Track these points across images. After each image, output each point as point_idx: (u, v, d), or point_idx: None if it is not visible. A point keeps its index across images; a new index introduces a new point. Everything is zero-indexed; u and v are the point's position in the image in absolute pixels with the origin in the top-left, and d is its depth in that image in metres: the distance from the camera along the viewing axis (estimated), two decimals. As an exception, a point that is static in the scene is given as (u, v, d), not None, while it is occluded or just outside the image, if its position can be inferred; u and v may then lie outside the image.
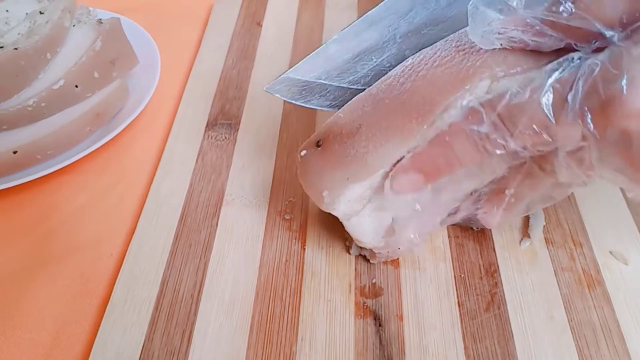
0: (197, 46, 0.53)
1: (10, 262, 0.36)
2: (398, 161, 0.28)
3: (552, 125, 0.23)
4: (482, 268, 0.34)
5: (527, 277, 0.34)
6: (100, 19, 0.44)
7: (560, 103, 0.23)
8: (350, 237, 0.32)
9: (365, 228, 0.31)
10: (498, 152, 0.25)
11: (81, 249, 0.37)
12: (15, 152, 0.39)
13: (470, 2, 0.25)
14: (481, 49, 0.26)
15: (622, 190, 0.38)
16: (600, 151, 0.23)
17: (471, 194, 0.30)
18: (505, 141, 0.25)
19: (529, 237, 0.36)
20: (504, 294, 0.33)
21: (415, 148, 0.27)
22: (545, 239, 0.36)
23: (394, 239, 0.31)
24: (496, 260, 0.34)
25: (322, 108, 0.34)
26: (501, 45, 0.25)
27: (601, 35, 0.22)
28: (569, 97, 0.22)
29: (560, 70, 0.23)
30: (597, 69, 0.22)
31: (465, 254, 0.35)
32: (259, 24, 0.55)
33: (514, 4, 0.24)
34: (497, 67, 0.25)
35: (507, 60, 0.25)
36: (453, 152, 0.26)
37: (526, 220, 0.37)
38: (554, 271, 0.34)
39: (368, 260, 0.34)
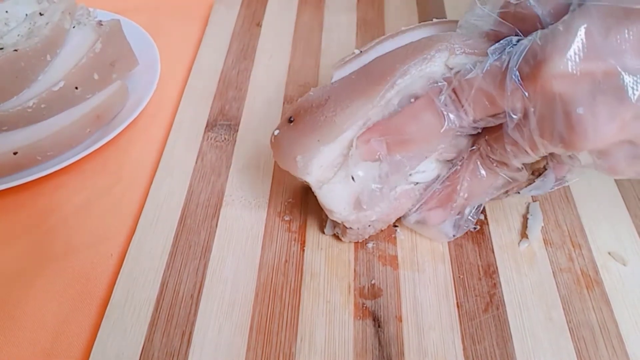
0: (197, 47, 0.53)
1: (10, 262, 0.36)
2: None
3: (496, 96, 0.27)
4: (480, 269, 0.34)
5: (526, 278, 0.34)
6: (101, 21, 0.44)
7: (499, 76, 0.26)
8: (326, 216, 0.33)
9: (336, 196, 0.31)
10: (454, 122, 0.29)
11: (81, 249, 0.37)
12: (15, 153, 0.39)
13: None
14: (444, 34, 0.30)
15: (620, 190, 0.38)
16: (536, 118, 0.26)
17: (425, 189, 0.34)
18: (458, 113, 0.28)
19: (527, 238, 0.36)
20: (502, 295, 0.33)
21: (380, 111, 0.30)
22: (543, 239, 0.36)
23: (364, 213, 0.32)
24: (495, 261, 0.35)
25: None
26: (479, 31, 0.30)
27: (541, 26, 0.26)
28: (508, 70, 0.26)
29: (501, 49, 0.27)
30: (530, 44, 0.25)
31: (464, 255, 0.35)
32: (259, 25, 0.55)
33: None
34: (456, 44, 0.29)
35: (467, 43, 0.29)
36: (417, 120, 0.29)
37: (525, 222, 0.37)
38: (553, 272, 0.34)
39: (346, 245, 0.35)
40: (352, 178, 0.31)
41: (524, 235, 0.36)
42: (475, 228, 0.36)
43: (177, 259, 0.35)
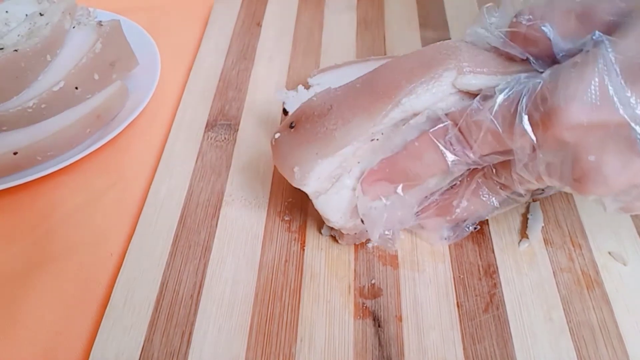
0: (197, 47, 0.53)
1: (10, 261, 0.36)
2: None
3: (505, 138, 0.26)
4: (481, 269, 0.34)
5: (526, 278, 0.34)
6: (101, 21, 0.44)
7: (509, 118, 0.25)
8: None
9: (333, 206, 0.31)
10: (459, 160, 0.28)
11: (81, 249, 0.37)
12: (15, 154, 0.39)
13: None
14: (453, 48, 0.29)
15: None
16: (545, 161, 0.25)
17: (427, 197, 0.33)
18: (464, 151, 0.27)
19: (527, 238, 0.36)
20: (502, 295, 0.33)
21: (381, 132, 0.29)
22: (544, 239, 0.36)
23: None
24: (495, 261, 0.35)
25: None
26: (488, 44, 0.29)
27: (552, 52, 0.25)
28: (517, 113, 0.25)
29: (509, 89, 0.26)
30: (539, 87, 0.24)
31: (464, 255, 0.35)
32: (259, 24, 0.55)
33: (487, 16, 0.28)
34: (464, 62, 0.28)
35: (476, 60, 0.28)
36: (421, 161, 0.29)
37: (525, 222, 0.37)
38: (553, 272, 0.34)
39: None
40: (362, 221, 0.31)
41: (524, 235, 0.36)
42: (475, 228, 0.36)
43: (177, 259, 0.35)
